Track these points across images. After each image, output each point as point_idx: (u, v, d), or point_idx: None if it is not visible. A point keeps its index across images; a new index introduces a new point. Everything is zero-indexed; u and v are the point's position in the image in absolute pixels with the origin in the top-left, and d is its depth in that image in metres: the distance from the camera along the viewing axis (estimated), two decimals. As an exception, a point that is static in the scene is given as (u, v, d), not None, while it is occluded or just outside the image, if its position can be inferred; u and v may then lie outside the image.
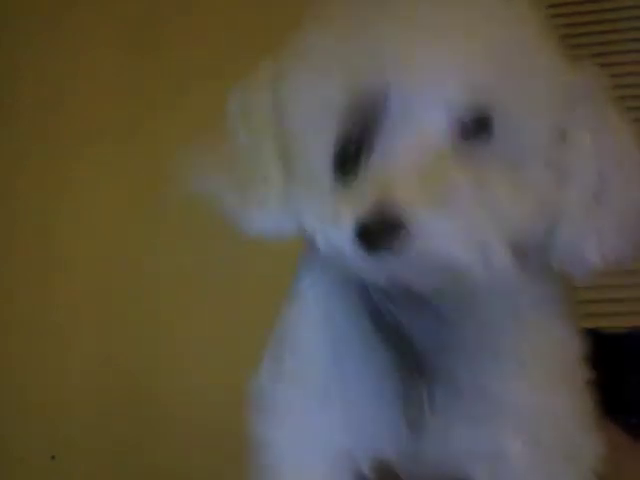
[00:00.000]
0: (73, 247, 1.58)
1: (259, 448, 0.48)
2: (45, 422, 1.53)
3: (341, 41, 0.39)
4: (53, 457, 1.52)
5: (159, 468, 1.45)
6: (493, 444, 0.43)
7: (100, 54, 1.61)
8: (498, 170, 0.39)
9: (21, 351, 1.57)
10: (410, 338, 0.44)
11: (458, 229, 0.36)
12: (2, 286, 1.59)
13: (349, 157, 0.40)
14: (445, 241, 0.36)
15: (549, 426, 0.44)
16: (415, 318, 0.43)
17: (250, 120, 0.44)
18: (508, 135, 0.39)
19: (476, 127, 0.38)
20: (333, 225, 0.38)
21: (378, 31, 0.38)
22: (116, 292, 1.55)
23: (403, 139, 0.38)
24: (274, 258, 0.48)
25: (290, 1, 0.77)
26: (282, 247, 0.47)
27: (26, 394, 1.54)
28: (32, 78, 1.64)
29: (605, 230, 0.43)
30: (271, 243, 0.46)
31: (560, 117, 0.42)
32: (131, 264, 1.54)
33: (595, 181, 0.42)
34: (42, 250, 1.59)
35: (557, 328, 0.46)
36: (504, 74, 0.39)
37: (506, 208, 0.38)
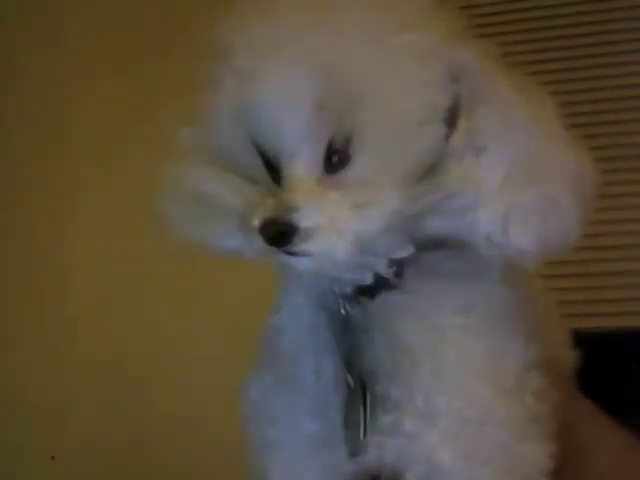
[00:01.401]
0: (73, 247, 1.58)
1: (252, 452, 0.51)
2: (45, 422, 1.53)
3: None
4: (53, 457, 1.52)
5: (159, 468, 1.45)
6: (424, 456, 0.42)
7: (101, 52, 1.61)
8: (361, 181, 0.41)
9: (21, 351, 1.57)
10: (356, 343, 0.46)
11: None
12: (1, 286, 1.59)
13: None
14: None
15: (479, 437, 0.43)
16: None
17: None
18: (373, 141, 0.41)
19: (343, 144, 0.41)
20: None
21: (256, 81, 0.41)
22: (116, 293, 1.55)
23: (291, 164, 0.42)
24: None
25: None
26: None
27: (26, 394, 1.54)
28: (34, 76, 1.64)
29: (526, 208, 0.41)
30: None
31: (442, 96, 0.42)
32: (131, 265, 1.54)
33: (504, 153, 0.42)
34: (41, 250, 1.59)
35: (490, 336, 0.44)
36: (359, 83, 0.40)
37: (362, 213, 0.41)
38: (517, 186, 0.41)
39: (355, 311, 0.46)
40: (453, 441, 0.42)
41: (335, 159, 0.41)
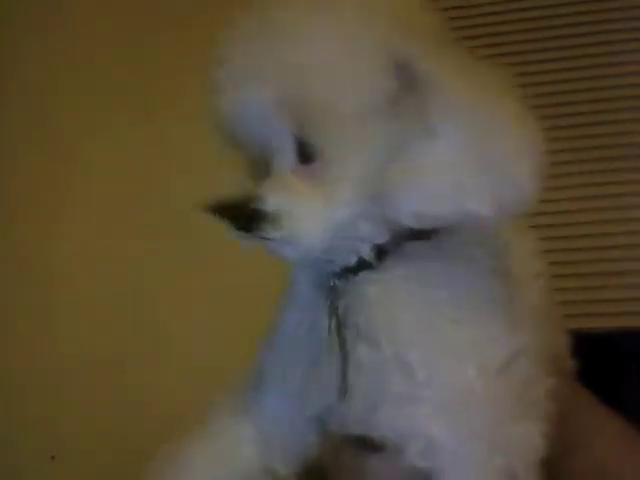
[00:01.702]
0: (72, 246, 1.58)
1: None
2: (45, 422, 1.53)
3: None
4: (53, 457, 1.52)
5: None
6: (415, 425, 0.45)
7: (101, 38, 1.61)
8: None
9: (21, 351, 1.57)
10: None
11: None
12: (1, 285, 1.59)
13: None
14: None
15: (466, 413, 0.45)
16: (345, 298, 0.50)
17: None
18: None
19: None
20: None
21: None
22: (116, 294, 1.54)
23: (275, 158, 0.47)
24: (274, 259, 0.48)
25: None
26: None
27: (26, 394, 1.54)
28: (32, 64, 1.64)
29: (479, 179, 0.43)
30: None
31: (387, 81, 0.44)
32: (131, 265, 1.54)
33: (452, 135, 0.44)
34: (41, 248, 1.59)
35: (483, 321, 0.47)
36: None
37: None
38: (467, 163, 0.44)
39: (342, 283, 0.49)
40: (441, 414, 0.45)
41: (308, 151, 0.45)
